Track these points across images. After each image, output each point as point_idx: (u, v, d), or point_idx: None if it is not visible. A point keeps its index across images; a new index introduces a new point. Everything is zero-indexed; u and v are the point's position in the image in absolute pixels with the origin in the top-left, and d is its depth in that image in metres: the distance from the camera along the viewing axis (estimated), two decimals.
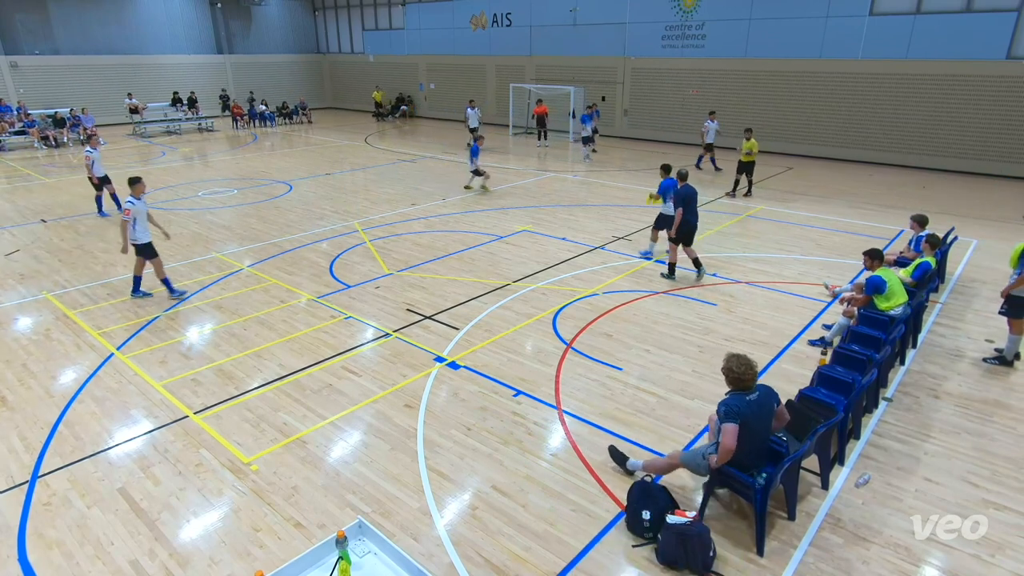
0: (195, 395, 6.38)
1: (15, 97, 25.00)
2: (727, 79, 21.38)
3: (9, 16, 25.29)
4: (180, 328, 7.95)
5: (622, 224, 12.49)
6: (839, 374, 5.57)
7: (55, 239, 11.66)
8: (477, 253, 10.79)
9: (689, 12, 21.52)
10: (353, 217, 13.11)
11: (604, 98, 24.67)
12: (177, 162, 19.95)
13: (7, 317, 8.30)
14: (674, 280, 9.36)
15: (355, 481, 5.09)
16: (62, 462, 5.35)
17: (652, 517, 4.37)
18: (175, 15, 29.87)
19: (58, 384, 6.63)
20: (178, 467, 5.27)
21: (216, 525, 4.63)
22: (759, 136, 21.08)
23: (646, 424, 5.86)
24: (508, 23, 26.92)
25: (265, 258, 10.57)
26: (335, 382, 6.61)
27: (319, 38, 36.10)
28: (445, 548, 4.39)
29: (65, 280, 9.60)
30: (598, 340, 7.54)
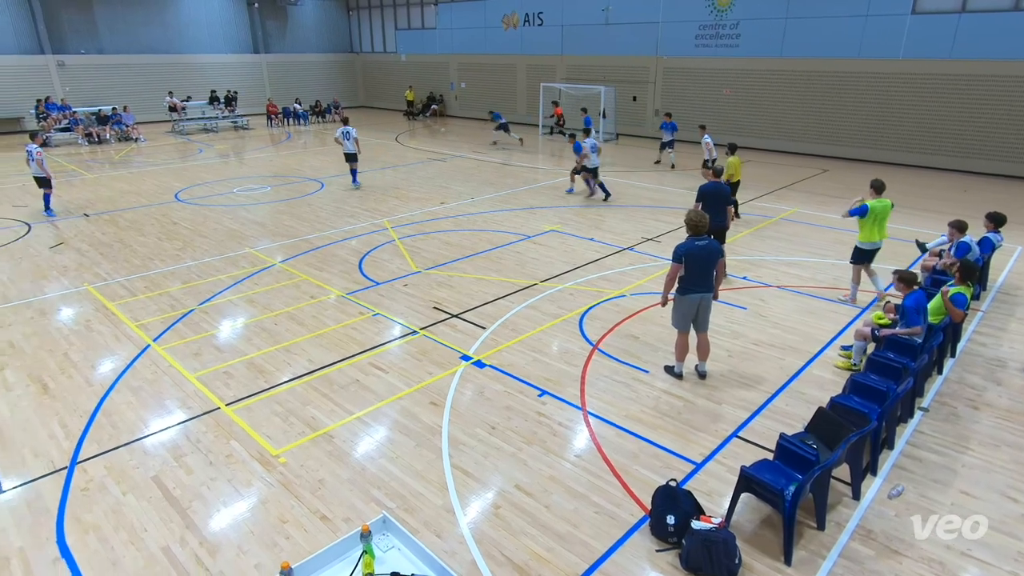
0: (227, 387, 6.52)
1: (61, 95, 25.86)
2: (761, 79, 21.01)
3: (57, 17, 26.17)
4: (214, 321, 8.13)
5: (651, 225, 12.37)
6: (873, 382, 5.42)
7: (97, 233, 12.03)
8: (505, 252, 10.80)
9: (724, 11, 21.21)
10: (383, 215, 13.25)
11: (635, 98, 24.48)
12: (213, 159, 20.40)
13: (51, 307, 8.60)
14: None
15: (380, 476, 5.14)
16: (99, 449, 5.52)
17: (677, 522, 4.32)
18: (214, 16, 30.56)
19: (97, 373, 6.84)
20: (209, 457, 5.40)
21: (245, 515, 4.73)
22: (793, 137, 20.86)
23: (672, 428, 5.80)
24: (540, 22, 26.88)
25: (296, 254, 10.75)
26: (362, 378, 6.69)
27: (352, 38, 36.54)
28: (468, 546, 4.41)
29: (105, 272, 9.90)
30: (625, 342, 7.48)
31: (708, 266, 6.15)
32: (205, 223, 12.71)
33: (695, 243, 6.09)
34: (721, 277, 6.43)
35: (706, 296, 6.29)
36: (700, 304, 6.31)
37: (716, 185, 8.88)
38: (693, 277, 6.16)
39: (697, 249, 6.07)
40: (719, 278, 6.35)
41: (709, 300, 6.35)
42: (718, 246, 6.26)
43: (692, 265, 6.10)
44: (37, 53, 25.76)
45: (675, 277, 6.22)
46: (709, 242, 6.16)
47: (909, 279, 6.38)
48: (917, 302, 6.26)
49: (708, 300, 6.34)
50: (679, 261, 6.09)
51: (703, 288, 6.23)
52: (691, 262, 6.08)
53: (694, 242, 6.09)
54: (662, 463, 5.29)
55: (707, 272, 6.18)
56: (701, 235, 6.11)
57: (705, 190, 8.82)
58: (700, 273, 6.16)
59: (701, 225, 6.09)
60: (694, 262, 6.08)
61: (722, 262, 6.33)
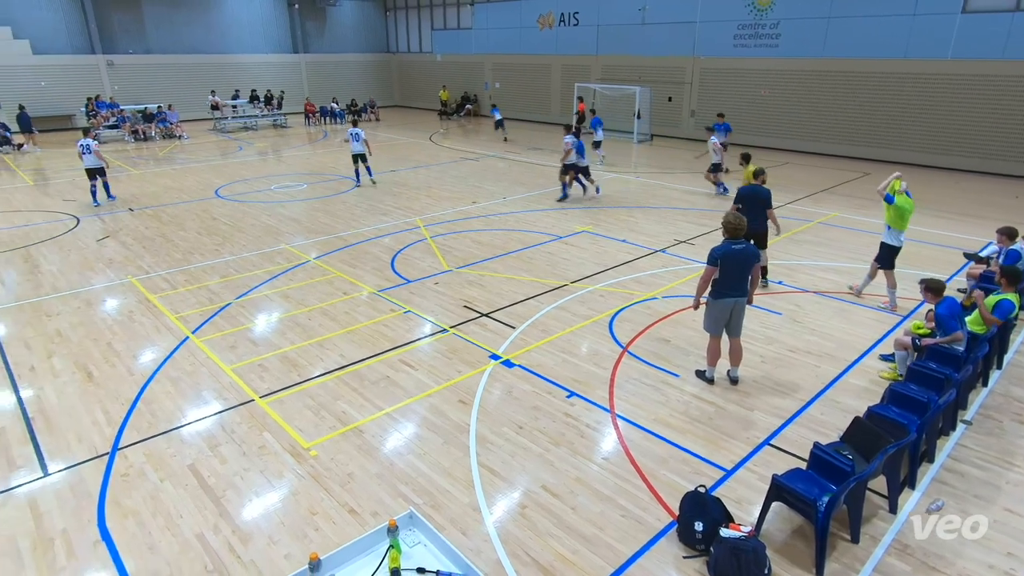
0: (261, 380, 6.66)
1: (110, 93, 26.77)
2: (801, 80, 20.55)
3: (108, 18, 27.11)
4: (250, 315, 8.32)
5: (684, 228, 12.22)
6: (913, 392, 5.26)
7: (140, 227, 12.42)
8: (536, 252, 10.79)
9: (764, 10, 20.81)
10: (415, 214, 13.37)
11: (671, 99, 24.20)
12: (253, 157, 20.87)
13: (96, 298, 8.91)
14: None
15: (408, 472, 5.19)
16: (139, 436, 5.70)
17: (705, 529, 4.25)
18: (256, 16, 31.26)
19: (138, 363, 7.06)
20: (243, 448, 5.52)
21: (276, 506, 4.83)
22: (833, 139, 20.34)
23: (702, 433, 5.72)
24: (575, 22, 26.78)
25: (330, 251, 10.92)
26: (392, 374, 6.77)
27: (389, 38, 36.96)
28: (493, 545, 4.42)
29: (148, 266, 10.21)
30: (655, 345, 7.41)
31: (743, 270, 6.06)
32: (243, 219, 13.01)
33: (731, 246, 5.99)
34: (756, 282, 6.31)
35: (740, 301, 6.18)
36: (733, 309, 6.20)
37: (755, 188, 8.68)
38: (728, 281, 6.07)
39: (733, 252, 5.98)
40: (754, 283, 6.25)
41: (743, 305, 6.24)
42: (755, 250, 6.15)
43: (727, 268, 6.01)
44: (88, 53, 26.72)
45: (709, 280, 6.14)
46: (746, 246, 6.05)
47: (936, 287, 6.18)
48: (950, 308, 6.09)
49: (742, 305, 6.23)
50: (714, 264, 6.01)
51: (737, 292, 6.14)
52: (726, 265, 6.00)
53: (730, 245, 6.00)
54: (691, 469, 5.22)
55: (742, 276, 6.08)
56: (738, 238, 6.02)
57: (744, 193, 8.66)
58: (735, 277, 6.06)
59: (739, 228, 6.01)
60: (729, 265, 6.00)
61: (758, 267, 6.22)
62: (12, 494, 4.98)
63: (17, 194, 15.33)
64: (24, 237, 11.75)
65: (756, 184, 8.74)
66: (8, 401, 6.31)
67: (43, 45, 25.54)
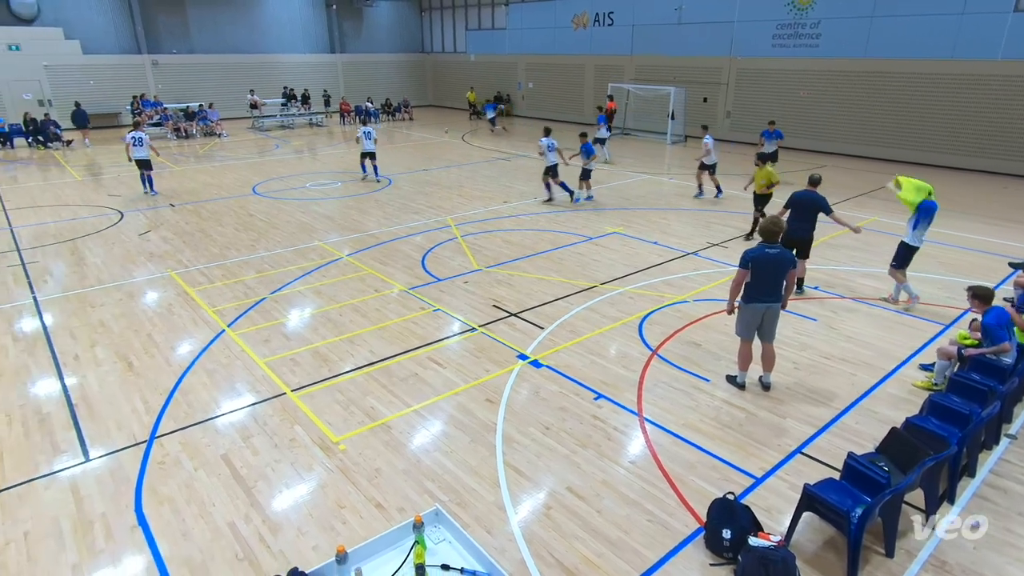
0: (293, 374, 6.79)
1: (154, 92, 27.60)
2: (842, 81, 20.06)
3: (154, 19, 27.95)
4: (283, 310, 8.48)
5: (717, 230, 12.04)
6: (954, 404, 5.08)
7: (181, 222, 12.77)
8: (566, 253, 10.76)
9: (804, 9, 20.37)
10: (446, 213, 13.45)
11: (706, 99, 23.87)
12: (289, 155, 21.27)
13: (138, 291, 9.19)
14: None
15: (434, 469, 5.23)
16: (176, 426, 5.86)
17: (733, 536, 4.19)
18: (295, 16, 31.86)
19: (176, 354, 7.26)
20: (274, 440, 5.63)
21: (305, 498, 4.91)
22: (874, 141, 19.80)
23: (732, 439, 5.63)
24: (610, 22, 26.62)
25: (362, 248, 11.07)
26: (421, 371, 6.82)
27: (424, 38, 37.27)
28: (518, 544, 4.42)
29: (187, 260, 10.49)
30: (686, 349, 7.31)
31: (777, 275, 5.95)
32: (279, 216, 13.27)
33: (765, 250, 5.90)
34: (791, 288, 6.17)
35: (772, 306, 6.06)
36: (765, 314, 6.09)
37: (809, 194, 8.42)
38: (760, 285, 5.98)
39: (766, 257, 5.88)
40: (788, 289, 6.11)
41: (775, 311, 6.11)
42: (790, 256, 6.02)
43: (760, 273, 5.92)
44: (135, 53, 27.59)
45: (740, 283, 6.06)
46: (781, 251, 5.94)
47: (984, 295, 5.96)
48: (998, 318, 5.85)
49: (774, 311, 6.11)
50: (745, 267, 5.94)
51: (769, 298, 6.03)
52: (759, 269, 5.91)
53: (764, 249, 5.91)
54: (720, 475, 5.14)
55: (775, 281, 5.98)
56: (773, 242, 5.94)
57: (797, 198, 8.44)
58: (768, 282, 5.96)
59: (774, 232, 5.95)
60: (762, 270, 5.90)
61: (793, 273, 6.09)
62: (56, 477, 5.17)
63: (66, 189, 15.91)
64: (71, 230, 12.19)
65: (811, 190, 8.49)
66: (54, 388, 6.55)
67: (93, 45, 26.46)
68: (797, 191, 8.59)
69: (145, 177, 15.04)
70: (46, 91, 25.58)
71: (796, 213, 8.40)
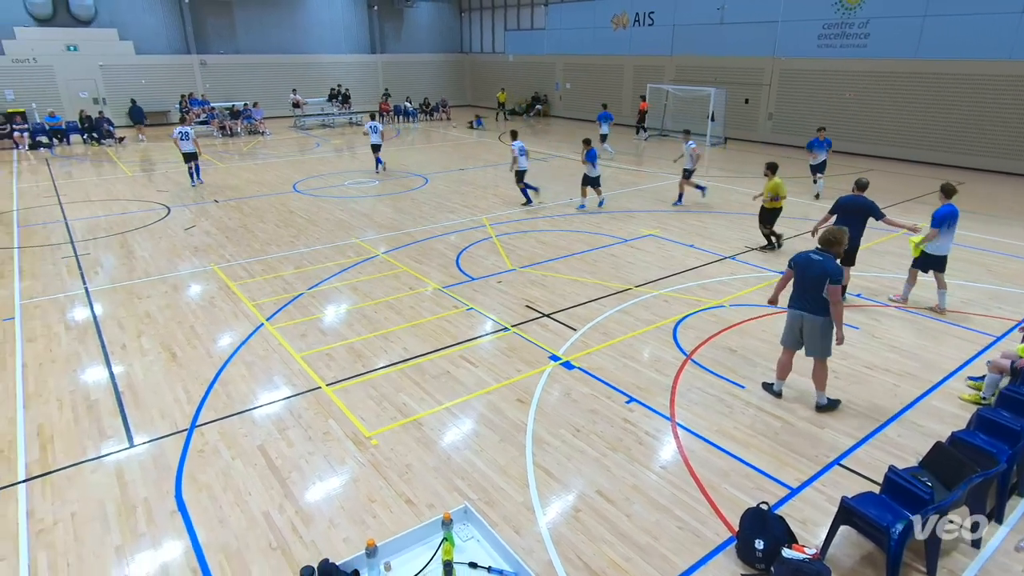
0: (328, 368, 6.91)
1: (201, 91, 28.44)
2: (891, 82, 19.44)
3: (203, 20, 28.82)
4: (320, 306, 8.65)
5: (756, 235, 11.78)
6: (1004, 419, 4.87)
7: (224, 218, 13.14)
8: (600, 255, 10.69)
9: (852, 9, 19.81)
10: (482, 212, 13.51)
11: (747, 100, 23.43)
12: (329, 153, 21.66)
13: (182, 284, 9.49)
14: None
15: (464, 467, 5.26)
16: (215, 416, 6.03)
17: (766, 547, 4.10)
18: (337, 17, 32.44)
19: (217, 346, 7.47)
20: (309, 433, 5.75)
21: (337, 491, 5.00)
22: (924, 145, 19.13)
23: (767, 448, 5.51)
24: (650, 22, 26.35)
25: (398, 246, 11.20)
26: (453, 370, 6.87)
27: (463, 38, 37.51)
28: (545, 546, 4.41)
29: (229, 255, 10.79)
30: (721, 354, 7.19)
31: (814, 284, 5.65)
32: (318, 213, 13.53)
33: (810, 255, 5.74)
34: (835, 307, 5.61)
35: (806, 317, 5.81)
36: (802, 324, 5.87)
37: (857, 198, 8.20)
38: (797, 290, 5.87)
39: (807, 261, 5.72)
40: (835, 310, 5.62)
41: (812, 324, 5.78)
42: (834, 269, 5.55)
43: (797, 277, 5.84)
44: (184, 53, 28.48)
45: (784, 282, 6.03)
46: (823, 260, 5.63)
47: None
48: None
49: (811, 323, 5.79)
50: (789, 267, 5.89)
51: (802, 307, 5.82)
52: (797, 272, 5.81)
53: (810, 254, 5.75)
54: (754, 484, 5.04)
55: (805, 289, 5.74)
56: (826, 250, 5.71)
57: (844, 202, 8.23)
58: (800, 288, 5.83)
59: (830, 241, 5.71)
60: (800, 274, 5.79)
61: (833, 289, 5.53)
62: (102, 461, 5.38)
63: (117, 184, 16.52)
64: (121, 224, 12.66)
65: (858, 194, 8.25)
66: (102, 376, 6.81)
67: (145, 46, 27.42)
68: (843, 196, 8.37)
69: (192, 169, 16.06)
70: (101, 90, 26.61)
71: (843, 218, 8.18)
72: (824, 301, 5.64)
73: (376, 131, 17.53)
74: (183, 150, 15.79)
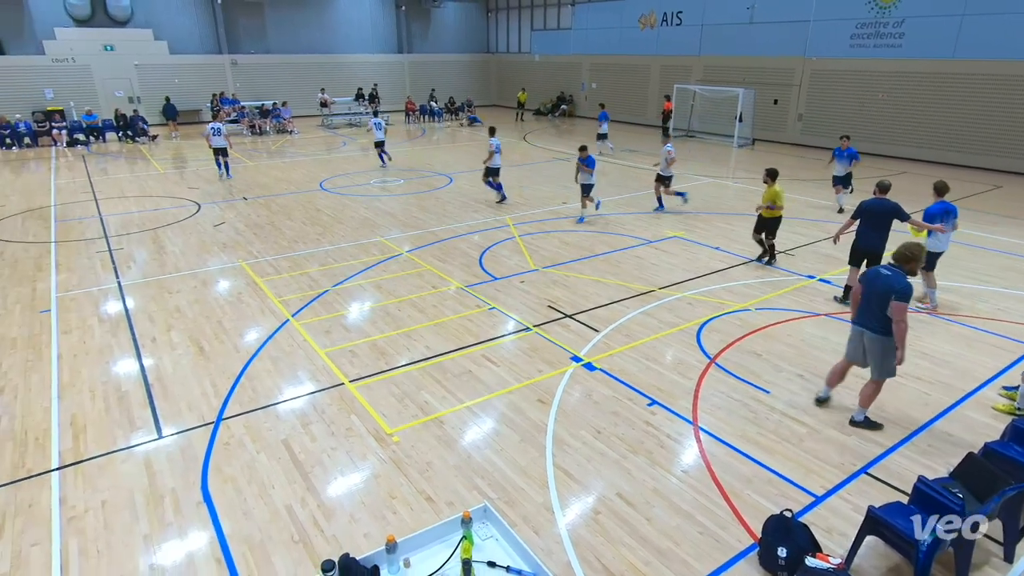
0: (351, 365, 6.99)
1: (232, 90, 28.96)
2: (926, 83, 18.97)
3: (235, 21, 29.34)
4: (344, 303, 8.74)
5: (784, 237, 11.59)
6: None
7: (252, 215, 13.36)
8: (624, 256, 10.63)
9: (887, 8, 19.37)
10: (505, 212, 13.52)
11: (776, 101, 23.06)
12: (355, 152, 21.88)
13: (211, 279, 9.67)
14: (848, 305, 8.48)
15: (484, 466, 5.27)
16: (241, 409, 6.14)
17: (789, 555, 4.03)
18: (365, 17, 32.75)
19: (243, 341, 7.60)
20: (332, 428, 5.81)
21: (358, 486, 5.05)
22: (960, 148, 18.62)
23: (791, 454, 5.42)
24: (678, 22, 26.10)
25: (422, 245, 11.27)
26: (474, 369, 6.89)
27: (489, 38, 37.59)
28: (564, 547, 4.40)
29: (257, 251, 10.97)
30: (745, 358, 7.09)
31: (873, 299, 5.39)
32: (344, 211, 13.68)
33: (880, 269, 5.49)
34: (898, 328, 5.30)
35: (866, 334, 5.54)
36: (863, 339, 5.64)
37: (880, 201, 7.97)
38: (861, 305, 5.58)
39: (876, 276, 5.46)
40: (898, 330, 5.29)
41: (872, 341, 5.51)
42: (901, 285, 5.21)
43: (864, 292, 5.53)
44: (216, 53, 29.02)
45: (857, 299, 5.67)
46: (892, 276, 5.32)
47: None
48: None
49: (871, 340, 5.52)
50: (859, 282, 5.63)
51: (863, 323, 5.56)
52: (865, 288, 5.52)
53: (880, 268, 5.51)
54: (777, 491, 4.96)
55: (870, 304, 5.45)
56: (896, 265, 5.40)
57: (867, 206, 8.01)
58: (865, 302, 5.52)
59: (906, 257, 5.36)
60: (868, 290, 5.49)
61: (898, 307, 5.20)
62: (132, 452, 5.51)
63: (150, 181, 16.91)
64: (153, 220, 12.96)
65: (881, 197, 8.05)
66: (133, 368, 6.98)
67: (178, 46, 28.01)
68: (866, 200, 8.17)
69: (221, 163, 16.98)
70: (135, 89, 27.26)
71: (867, 223, 8.03)
72: (886, 319, 5.34)
73: (380, 127, 18.34)
74: (213, 145, 16.61)
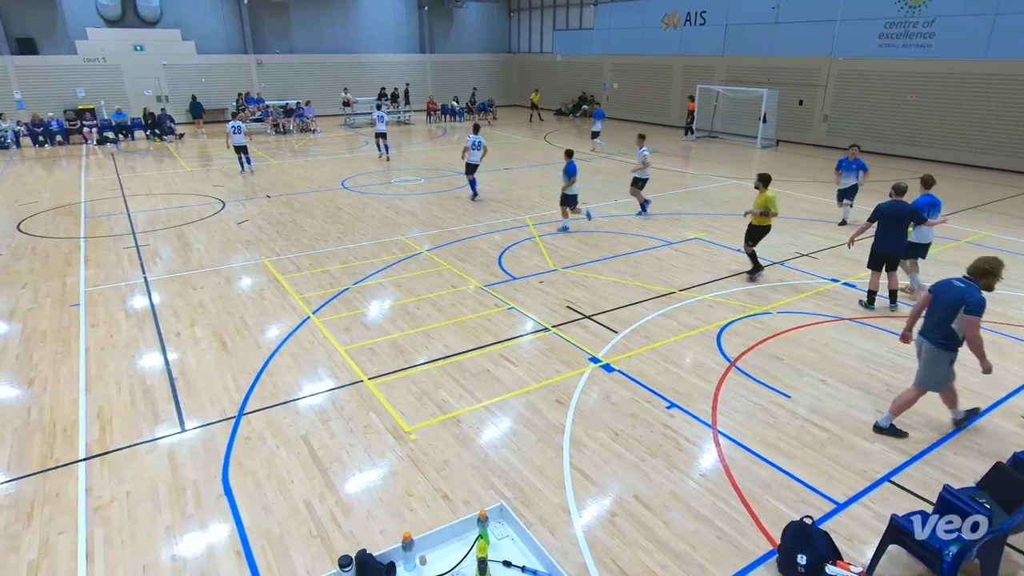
0: (371, 363, 7.04)
1: (257, 90, 29.36)
2: (956, 84, 18.55)
3: (260, 21, 29.75)
4: (364, 301, 8.81)
5: (807, 240, 11.45)
6: None
7: (275, 212, 13.53)
8: (644, 257, 10.56)
9: (916, 7, 18.99)
10: (525, 212, 13.52)
11: (801, 102, 22.74)
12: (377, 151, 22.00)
13: (234, 275, 9.82)
14: (872, 309, 8.35)
15: (501, 466, 5.27)
16: (261, 404, 6.22)
17: (809, 563, 3.97)
18: (388, 18, 32.97)
19: (265, 337, 7.70)
20: (350, 425, 5.87)
21: (376, 483, 5.08)
22: (993, 151, 18.18)
23: (812, 460, 5.34)
24: (702, 22, 25.86)
25: (442, 244, 11.31)
26: (492, 368, 6.90)
27: (511, 38, 37.60)
28: (580, 548, 4.39)
29: (279, 249, 11.10)
30: (766, 362, 7.01)
31: (940, 308, 5.27)
32: (365, 210, 13.79)
33: (953, 281, 5.30)
34: (973, 343, 5.14)
35: (924, 344, 5.43)
36: (922, 348, 5.52)
37: (897, 204, 7.88)
38: (928, 315, 5.43)
39: (946, 286, 5.29)
40: (973, 346, 5.15)
41: (928, 351, 5.40)
42: (971, 297, 5.06)
43: (932, 303, 5.39)
44: (242, 53, 29.44)
45: (920, 310, 5.56)
46: (964, 288, 5.15)
47: None
48: None
49: (927, 351, 5.42)
50: (930, 291, 5.45)
51: (924, 332, 5.45)
52: (935, 298, 5.37)
53: (953, 280, 5.31)
54: (797, 497, 4.89)
55: (934, 314, 5.33)
56: (970, 277, 5.23)
57: (884, 209, 7.92)
58: (930, 312, 5.40)
59: (984, 271, 5.18)
60: (936, 299, 5.34)
61: (972, 322, 5.04)
62: (156, 444, 5.61)
63: (176, 179, 17.22)
64: (179, 217, 13.18)
65: (898, 199, 7.95)
66: (158, 362, 7.11)
67: (205, 46, 28.48)
68: (883, 202, 8.04)
69: (243, 159, 17.65)
70: (163, 88, 27.77)
71: (885, 226, 7.94)
72: (947, 331, 5.22)
73: (382, 120, 19.37)
74: (234, 143, 17.09)
